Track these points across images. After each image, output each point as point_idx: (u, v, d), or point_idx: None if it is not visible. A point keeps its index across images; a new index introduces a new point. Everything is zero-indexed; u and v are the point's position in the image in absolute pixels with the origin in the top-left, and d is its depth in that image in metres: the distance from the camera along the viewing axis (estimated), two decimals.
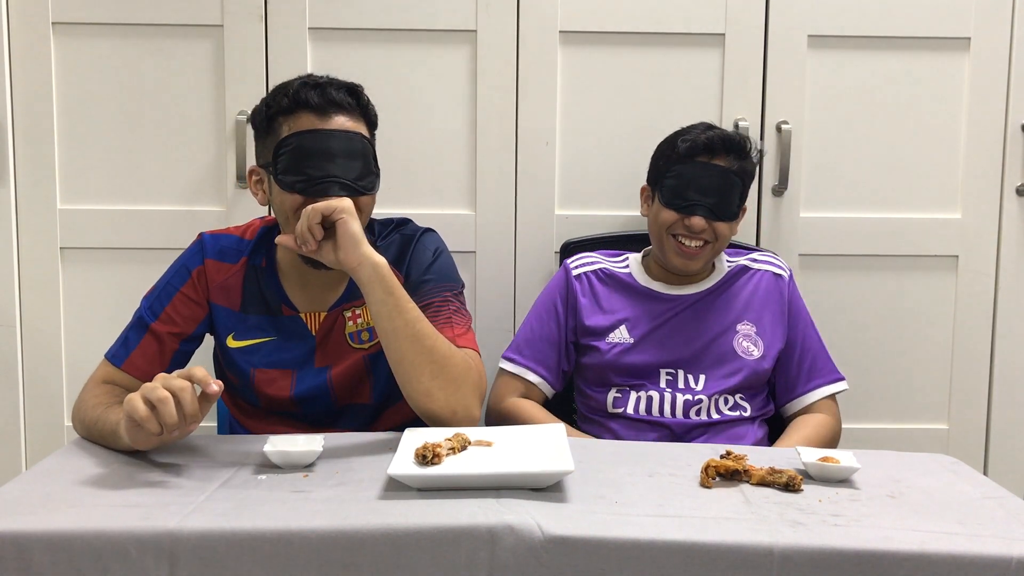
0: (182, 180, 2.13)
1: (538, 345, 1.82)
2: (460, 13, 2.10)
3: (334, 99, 1.50)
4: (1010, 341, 2.22)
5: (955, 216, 2.19)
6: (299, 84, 1.51)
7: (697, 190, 1.74)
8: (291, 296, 1.61)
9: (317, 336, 1.60)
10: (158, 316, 1.57)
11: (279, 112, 1.51)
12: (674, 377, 1.76)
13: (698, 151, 1.75)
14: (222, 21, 2.09)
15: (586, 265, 1.87)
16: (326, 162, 1.47)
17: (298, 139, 1.47)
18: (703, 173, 1.74)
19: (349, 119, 1.51)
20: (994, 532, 1.10)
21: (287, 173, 1.48)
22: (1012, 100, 2.15)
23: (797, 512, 1.15)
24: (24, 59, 2.09)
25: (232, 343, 1.61)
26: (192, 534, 1.06)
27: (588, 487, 1.22)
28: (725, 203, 1.74)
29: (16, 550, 1.05)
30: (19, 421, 2.17)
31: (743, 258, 1.88)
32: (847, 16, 2.13)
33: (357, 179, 1.49)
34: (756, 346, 1.78)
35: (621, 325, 1.80)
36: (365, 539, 1.06)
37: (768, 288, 1.83)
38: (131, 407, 1.23)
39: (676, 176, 1.76)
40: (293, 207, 1.48)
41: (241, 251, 1.62)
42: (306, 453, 1.29)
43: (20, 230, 2.13)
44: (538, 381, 1.81)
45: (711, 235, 1.75)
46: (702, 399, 1.74)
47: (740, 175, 1.76)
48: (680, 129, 1.82)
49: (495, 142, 2.14)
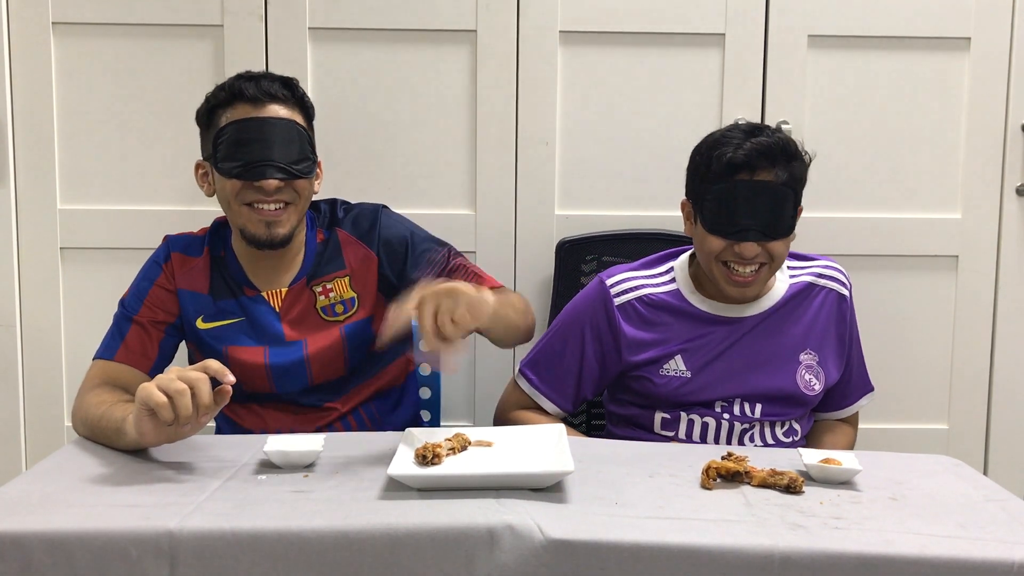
0: (182, 180, 2.13)
1: (557, 372, 1.69)
2: (460, 13, 2.10)
3: (268, 90, 1.58)
4: (1010, 341, 2.22)
5: (955, 216, 2.19)
6: (235, 77, 1.60)
7: (743, 213, 1.53)
8: (251, 277, 1.67)
9: (281, 311, 1.66)
10: (138, 310, 1.63)
11: (217, 105, 1.59)
12: (729, 404, 1.63)
13: (738, 168, 1.54)
14: (222, 21, 2.09)
15: (629, 292, 1.66)
16: (262, 147, 1.55)
17: (234, 127, 1.56)
18: (747, 193, 1.54)
19: (284, 108, 1.59)
20: (996, 535, 1.10)
21: (226, 160, 1.57)
22: (1012, 100, 2.15)
23: (798, 515, 1.15)
24: (24, 59, 2.09)
25: (202, 325, 1.65)
26: (192, 534, 1.06)
27: (588, 488, 1.21)
28: (777, 220, 1.54)
29: (16, 550, 1.05)
30: (19, 421, 2.17)
31: (807, 272, 1.70)
32: (847, 16, 2.13)
33: (293, 163, 1.57)
34: (818, 379, 1.65)
35: (676, 355, 1.63)
36: (365, 539, 1.06)
37: (830, 312, 1.68)
38: (147, 393, 1.23)
39: (717, 198, 1.55)
40: (233, 192, 1.57)
41: (203, 244, 1.69)
42: (306, 453, 1.29)
43: (20, 230, 2.13)
44: (551, 408, 1.69)
45: (766, 257, 1.56)
46: (756, 425, 1.63)
47: (791, 185, 1.56)
48: (715, 135, 1.61)
49: (495, 142, 2.13)
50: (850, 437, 1.76)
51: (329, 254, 1.68)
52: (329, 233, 1.70)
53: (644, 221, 2.12)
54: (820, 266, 1.72)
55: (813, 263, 1.73)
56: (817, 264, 1.72)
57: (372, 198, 1.93)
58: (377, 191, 2.11)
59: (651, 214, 2.15)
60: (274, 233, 1.58)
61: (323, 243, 1.69)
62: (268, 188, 1.55)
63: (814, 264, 1.72)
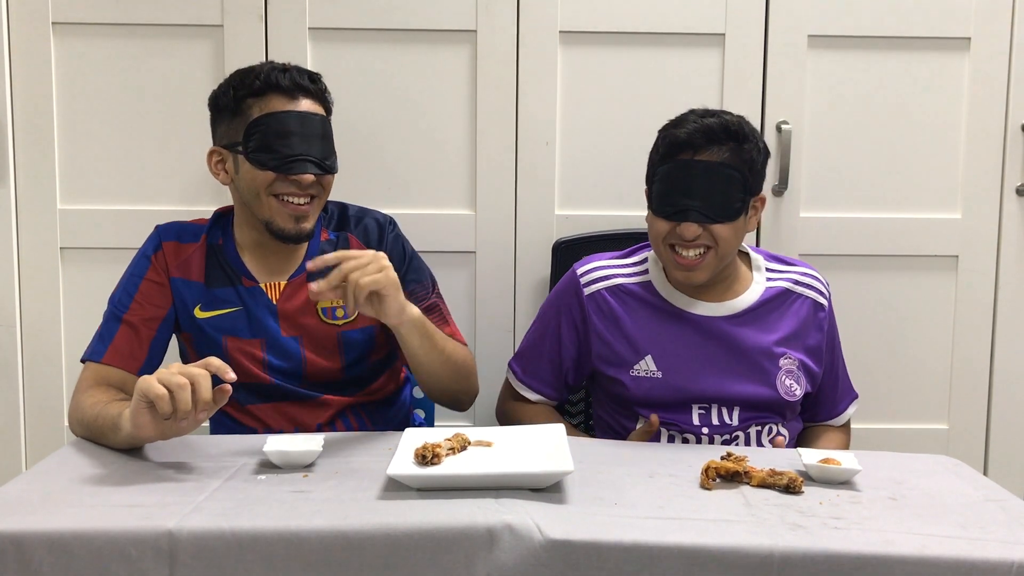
0: (182, 180, 2.13)
1: (538, 362, 1.72)
2: (460, 13, 2.10)
3: (300, 83, 1.60)
4: (1010, 341, 2.22)
5: (955, 216, 2.19)
6: (269, 68, 1.59)
7: (684, 192, 1.52)
8: (250, 268, 1.67)
9: (278, 304, 1.65)
10: (128, 308, 1.61)
11: (248, 94, 1.58)
12: (707, 411, 1.60)
13: (680, 148, 1.54)
14: (222, 21, 2.09)
15: (600, 280, 1.67)
16: (300, 142, 1.57)
17: (272, 119, 1.56)
18: (688, 172, 1.53)
19: (313, 102, 1.61)
20: (995, 536, 1.10)
21: (260, 151, 1.56)
22: (1012, 100, 2.15)
23: (797, 515, 1.15)
24: (24, 59, 2.09)
25: (200, 314, 1.65)
26: (192, 534, 1.06)
27: (588, 488, 1.22)
28: (720, 202, 1.52)
29: (16, 550, 1.05)
30: (19, 421, 2.17)
31: (785, 277, 1.68)
32: (847, 16, 2.13)
33: (324, 158, 1.60)
34: (799, 383, 1.62)
35: (647, 355, 1.61)
36: (365, 539, 1.06)
37: (808, 320, 1.65)
38: (147, 385, 1.23)
39: (662, 179, 1.56)
40: (265, 183, 1.57)
41: (199, 232, 1.69)
42: (306, 453, 1.29)
43: (20, 230, 2.13)
44: (537, 399, 1.73)
45: (709, 239, 1.53)
46: (739, 434, 1.60)
47: (737, 167, 1.53)
48: (669, 120, 1.62)
49: (495, 142, 2.13)
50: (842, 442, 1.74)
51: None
52: (337, 235, 1.71)
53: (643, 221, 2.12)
54: (798, 272, 1.69)
55: (792, 268, 1.70)
56: (795, 270, 1.70)
57: (372, 198, 1.93)
58: (377, 191, 2.11)
59: None
60: (301, 227, 1.60)
61: (329, 243, 1.70)
62: (304, 182, 1.57)
63: (792, 270, 1.70)
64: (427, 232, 2.06)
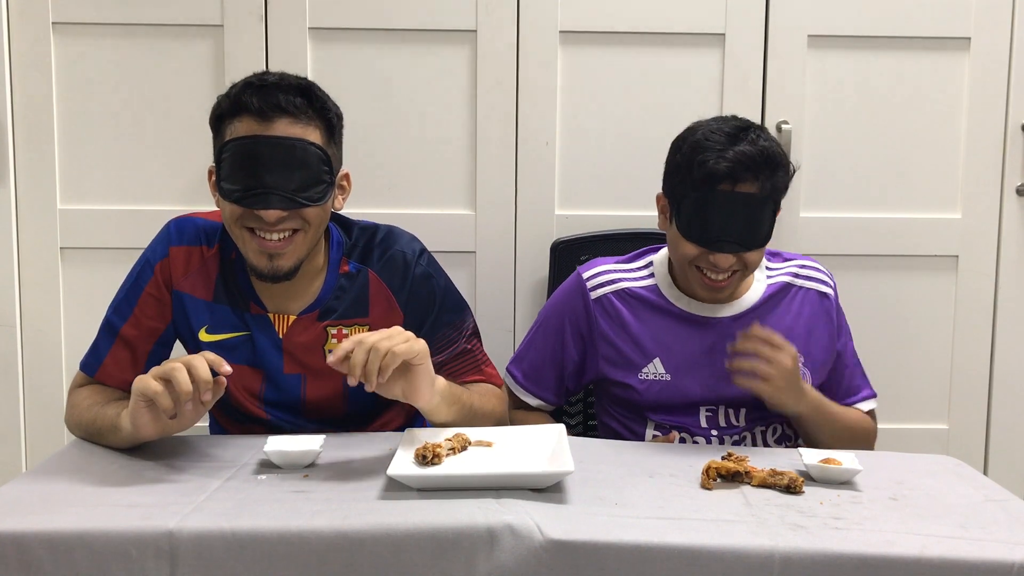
0: (182, 180, 2.13)
1: (539, 367, 1.70)
2: (460, 13, 2.10)
3: (278, 103, 1.39)
4: (1010, 341, 2.22)
5: (955, 216, 2.19)
6: (242, 85, 1.42)
7: (721, 224, 1.48)
8: (260, 294, 1.53)
9: (284, 339, 1.52)
10: (126, 319, 1.51)
11: (223, 114, 1.43)
12: (714, 414, 1.60)
13: (720, 179, 1.48)
14: (222, 21, 2.09)
15: (606, 284, 1.65)
16: (263, 171, 1.37)
17: (235, 145, 1.39)
18: (727, 204, 1.48)
19: (295, 123, 1.40)
20: (996, 536, 1.10)
21: (226, 180, 1.40)
22: (1012, 100, 2.16)
23: (798, 515, 1.15)
24: (24, 59, 2.09)
25: (206, 337, 1.53)
26: (192, 534, 1.06)
27: (588, 488, 1.21)
28: (755, 232, 1.50)
29: (16, 550, 1.05)
30: (19, 421, 2.17)
31: (784, 272, 1.67)
32: (847, 16, 2.13)
33: (298, 190, 1.39)
34: (805, 379, 1.57)
35: (655, 358, 1.61)
36: (365, 539, 1.06)
37: (814, 310, 1.64)
38: (143, 384, 1.22)
39: (695, 205, 1.51)
40: (234, 216, 1.42)
41: (214, 234, 1.55)
42: (306, 453, 1.29)
43: (20, 230, 2.13)
44: (538, 404, 1.71)
45: (740, 265, 1.53)
46: (746, 435, 1.60)
47: (772, 195, 1.51)
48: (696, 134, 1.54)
49: (495, 142, 2.13)
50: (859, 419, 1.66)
51: (355, 294, 1.54)
52: (358, 269, 1.55)
53: (644, 221, 2.12)
54: (797, 265, 1.69)
55: (790, 263, 1.70)
56: (793, 264, 1.69)
57: (372, 198, 1.93)
58: (377, 191, 2.11)
59: (651, 214, 2.11)
60: (276, 266, 1.43)
61: (347, 277, 1.54)
62: (268, 219, 1.39)
63: (791, 264, 1.69)
64: (427, 232, 2.03)
